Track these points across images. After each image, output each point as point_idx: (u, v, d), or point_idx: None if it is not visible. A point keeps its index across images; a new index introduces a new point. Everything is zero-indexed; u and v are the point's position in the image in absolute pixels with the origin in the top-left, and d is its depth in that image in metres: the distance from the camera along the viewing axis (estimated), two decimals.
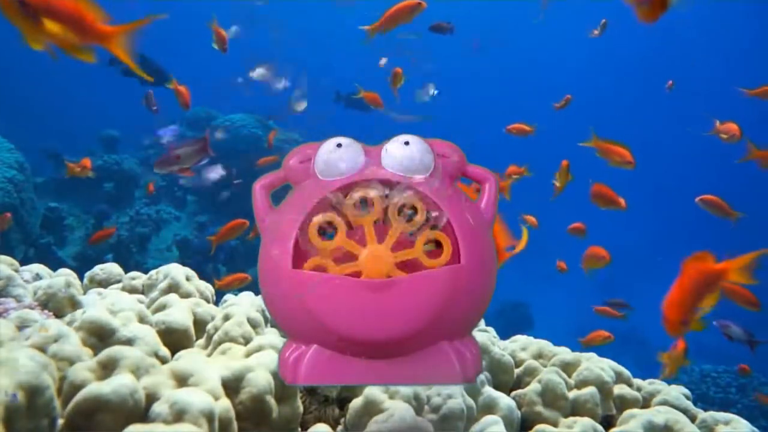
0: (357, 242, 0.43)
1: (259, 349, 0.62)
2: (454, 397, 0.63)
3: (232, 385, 0.56)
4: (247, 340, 0.66)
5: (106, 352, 0.51)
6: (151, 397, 0.49)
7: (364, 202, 0.43)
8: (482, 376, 0.71)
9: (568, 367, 0.79)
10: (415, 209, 0.43)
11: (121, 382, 0.48)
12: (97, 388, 0.47)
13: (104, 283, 0.82)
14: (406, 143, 0.46)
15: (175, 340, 0.66)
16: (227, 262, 3.59)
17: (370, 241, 0.43)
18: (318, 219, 0.43)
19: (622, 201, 1.81)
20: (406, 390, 0.61)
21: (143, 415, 0.48)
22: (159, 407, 0.48)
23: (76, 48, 0.69)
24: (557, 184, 1.90)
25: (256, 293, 0.74)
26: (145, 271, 0.82)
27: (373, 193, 0.43)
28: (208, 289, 0.80)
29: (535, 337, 0.87)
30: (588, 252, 1.89)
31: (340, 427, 0.63)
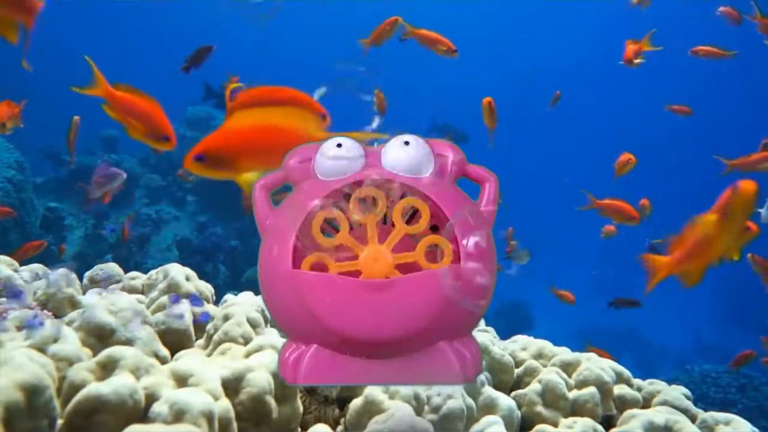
0: (358, 241, 0.43)
1: (259, 349, 0.62)
2: (454, 397, 0.63)
3: (232, 385, 0.56)
4: (247, 340, 0.66)
5: (106, 352, 0.51)
6: (151, 398, 0.49)
7: (369, 201, 0.44)
8: (482, 376, 0.71)
9: (568, 367, 0.79)
10: (418, 211, 0.44)
11: (120, 383, 0.48)
12: (97, 388, 0.47)
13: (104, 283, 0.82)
14: (406, 143, 0.46)
15: (175, 340, 0.66)
16: (227, 262, 3.59)
17: (371, 240, 0.43)
18: (322, 214, 0.43)
19: (636, 214, 1.80)
20: (406, 390, 0.61)
21: (143, 415, 0.48)
22: (159, 407, 0.48)
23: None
24: (488, 124, 1.79)
25: (256, 293, 0.74)
26: (145, 271, 0.82)
27: (378, 192, 0.44)
28: (208, 289, 0.80)
29: (535, 337, 0.87)
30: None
31: (340, 427, 0.63)
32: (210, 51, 1.89)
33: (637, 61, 1.77)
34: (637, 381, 0.82)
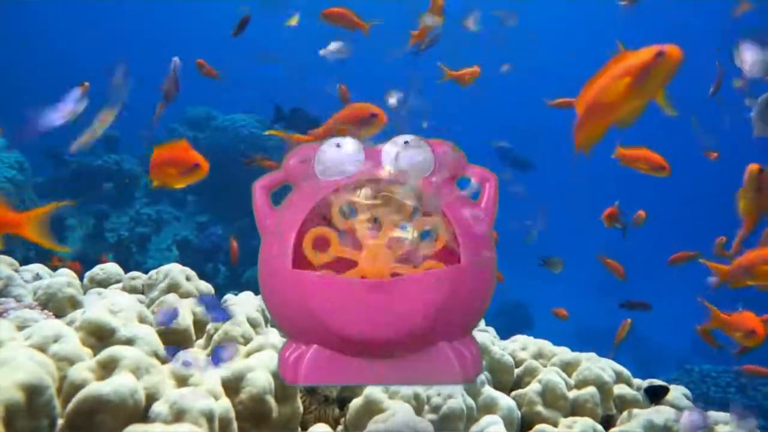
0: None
1: (259, 349, 0.62)
2: (454, 397, 0.63)
3: (232, 385, 0.56)
4: (247, 340, 0.66)
5: (106, 352, 0.51)
6: (151, 397, 0.49)
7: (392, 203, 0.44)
8: (482, 376, 0.71)
9: (568, 367, 0.79)
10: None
11: (121, 382, 0.48)
12: (97, 388, 0.47)
13: (104, 283, 0.82)
14: (406, 143, 0.46)
15: (175, 340, 0.66)
16: (227, 262, 3.59)
17: (381, 238, 0.43)
18: (343, 197, 0.43)
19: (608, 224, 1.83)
20: (406, 390, 0.62)
21: (143, 415, 0.48)
22: (159, 407, 0.48)
23: None
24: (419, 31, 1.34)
25: (256, 293, 0.74)
26: (145, 271, 0.82)
27: (403, 196, 0.44)
28: (208, 289, 0.80)
29: (535, 337, 0.87)
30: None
31: (340, 427, 0.63)
32: (248, 20, 1.99)
33: None
34: (637, 381, 0.82)
